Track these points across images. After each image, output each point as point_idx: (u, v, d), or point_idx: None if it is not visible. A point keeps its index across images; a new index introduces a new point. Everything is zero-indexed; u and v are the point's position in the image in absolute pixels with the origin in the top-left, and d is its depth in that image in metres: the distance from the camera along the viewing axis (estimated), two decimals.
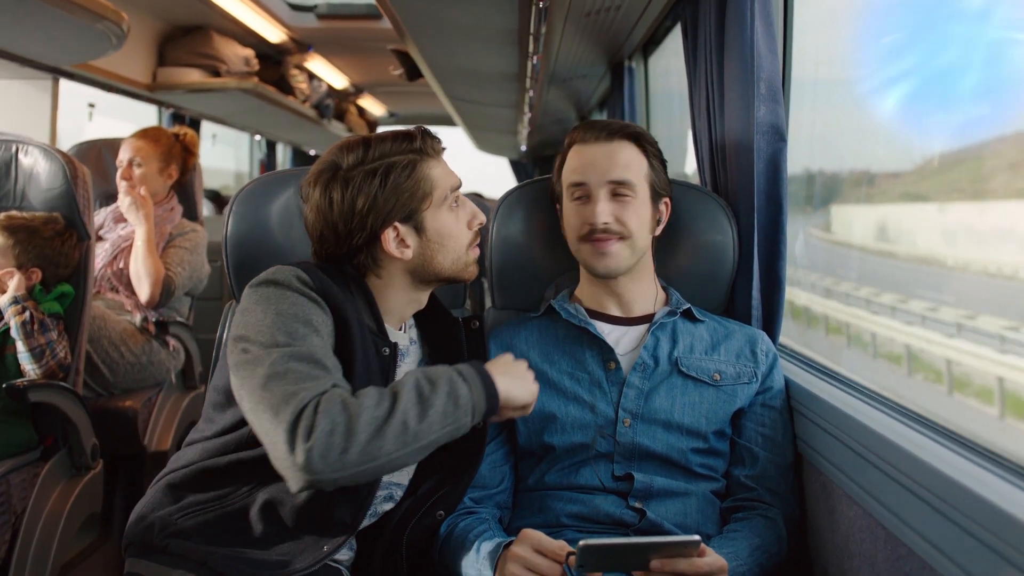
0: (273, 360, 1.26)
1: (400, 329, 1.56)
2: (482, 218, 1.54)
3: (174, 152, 3.22)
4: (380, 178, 1.44)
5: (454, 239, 1.50)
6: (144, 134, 3.20)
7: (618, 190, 1.62)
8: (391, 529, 1.54)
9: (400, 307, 1.54)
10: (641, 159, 1.65)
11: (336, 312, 1.39)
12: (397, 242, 1.47)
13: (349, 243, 1.46)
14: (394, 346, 1.48)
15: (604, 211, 1.61)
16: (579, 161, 1.66)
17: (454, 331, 1.61)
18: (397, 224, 1.46)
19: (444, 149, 1.52)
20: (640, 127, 1.69)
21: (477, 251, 1.55)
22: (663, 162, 1.70)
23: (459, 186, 1.52)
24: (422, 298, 1.56)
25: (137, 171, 3.12)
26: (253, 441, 1.35)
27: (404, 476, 1.56)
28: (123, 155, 3.14)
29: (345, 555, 1.54)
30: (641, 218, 1.64)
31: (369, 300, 1.49)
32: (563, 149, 1.73)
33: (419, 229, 1.47)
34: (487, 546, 1.43)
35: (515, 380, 1.38)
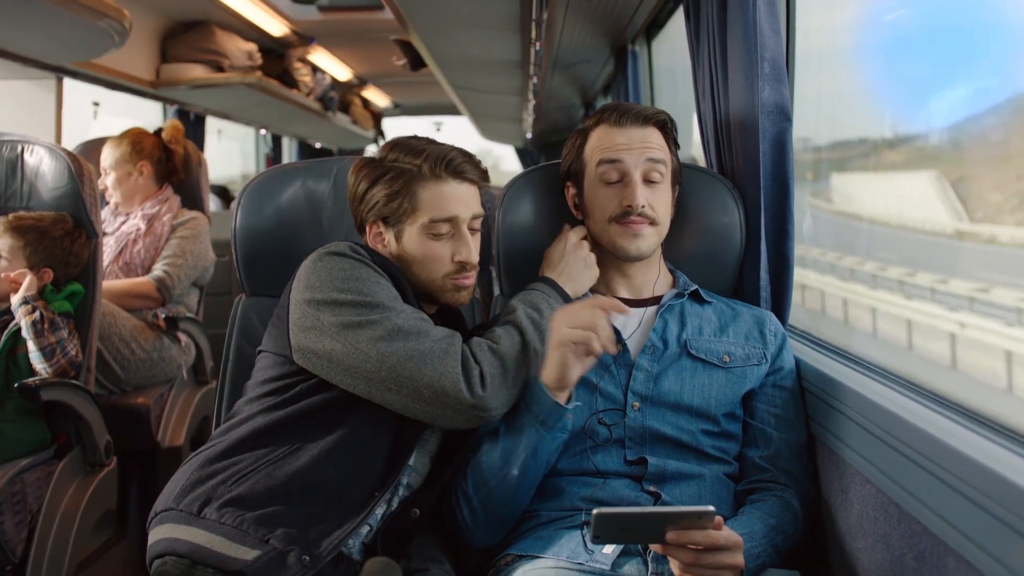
0: (388, 318, 1.42)
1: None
2: (466, 256, 1.55)
3: (140, 148, 3.16)
4: (376, 177, 1.53)
5: (428, 263, 1.55)
6: (110, 140, 3.20)
7: (651, 174, 1.64)
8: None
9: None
10: (666, 146, 1.68)
11: (393, 280, 1.52)
12: (375, 238, 1.58)
13: (359, 226, 1.61)
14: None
15: (643, 194, 1.62)
16: (612, 141, 1.65)
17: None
18: (380, 224, 1.56)
19: (468, 179, 1.55)
20: (668, 114, 1.70)
21: (464, 281, 1.57)
22: (679, 147, 1.72)
23: (456, 219, 1.54)
24: (424, 308, 1.58)
25: (108, 179, 3.15)
26: (301, 396, 1.47)
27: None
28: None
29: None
30: (667, 205, 1.68)
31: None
32: (583, 128, 1.73)
33: (397, 238, 1.56)
34: None
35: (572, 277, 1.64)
